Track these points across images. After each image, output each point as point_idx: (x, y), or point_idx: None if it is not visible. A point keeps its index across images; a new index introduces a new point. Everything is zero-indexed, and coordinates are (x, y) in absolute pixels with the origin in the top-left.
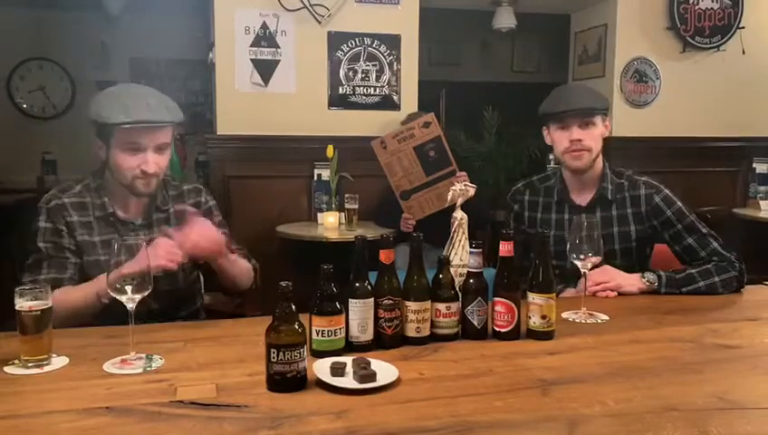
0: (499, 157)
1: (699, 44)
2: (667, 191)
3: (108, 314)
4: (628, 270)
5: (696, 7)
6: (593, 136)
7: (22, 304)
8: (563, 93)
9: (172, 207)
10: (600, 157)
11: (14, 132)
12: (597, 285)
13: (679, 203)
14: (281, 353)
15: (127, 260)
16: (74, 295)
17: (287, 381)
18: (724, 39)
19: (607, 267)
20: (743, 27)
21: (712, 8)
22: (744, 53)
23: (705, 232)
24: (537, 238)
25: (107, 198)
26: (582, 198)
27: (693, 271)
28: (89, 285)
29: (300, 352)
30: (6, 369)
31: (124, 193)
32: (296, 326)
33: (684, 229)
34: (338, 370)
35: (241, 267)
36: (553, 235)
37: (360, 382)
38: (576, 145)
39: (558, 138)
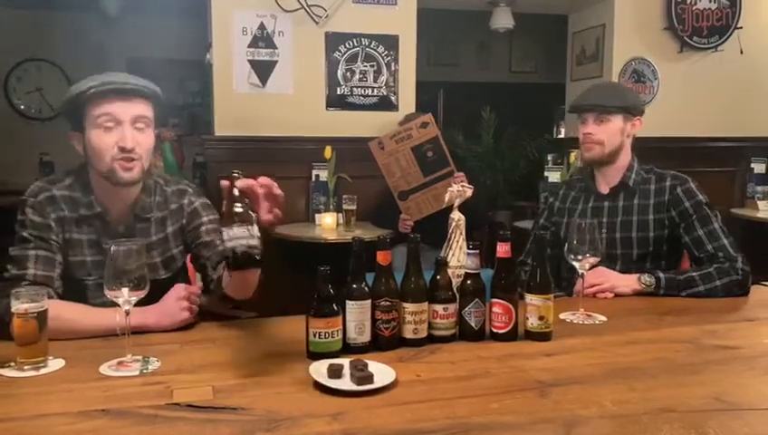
0: (497, 157)
1: (697, 45)
2: (693, 185)
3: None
4: (643, 259)
5: (694, 8)
6: (606, 131)
7: (18, 306)
8: (587, 91)
9: (155, 215)
10: (627, 152)
11: (12, 134)
12: (592, 287)
13: (701, 196)
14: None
15: (125, 264)
16: (84, 320)
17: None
18: (722, 39)
19: (601, 268)
20: (740, 27)
21: (709, 8)
22: (741, 53)
23: (718, 227)
24: (535, 239)
25: (93, 196)
26: (605, 187)
27: (694, 274)
28: (100, 316)
29: None
30: (2, 371)
31: (107, 190)
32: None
33: (697, 219)
34: (335, 371)
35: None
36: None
37: (357, 384)
38: (587, 138)
39: (579, 130)
